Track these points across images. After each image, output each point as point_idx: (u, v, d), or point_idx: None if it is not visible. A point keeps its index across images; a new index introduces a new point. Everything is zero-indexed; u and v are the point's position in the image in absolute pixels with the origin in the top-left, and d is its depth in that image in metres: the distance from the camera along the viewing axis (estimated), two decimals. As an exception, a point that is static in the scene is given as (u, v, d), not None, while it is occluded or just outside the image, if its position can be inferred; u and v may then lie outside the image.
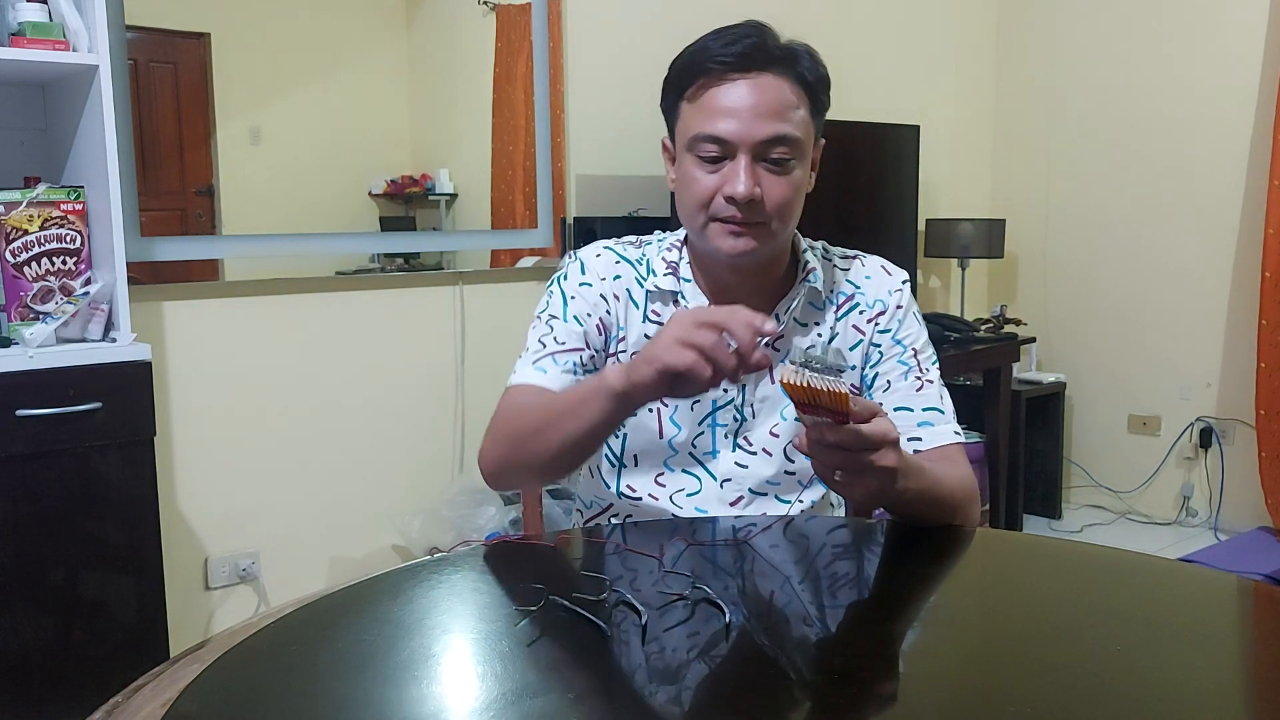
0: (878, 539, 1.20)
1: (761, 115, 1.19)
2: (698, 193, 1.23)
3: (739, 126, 1.19)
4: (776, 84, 1.20)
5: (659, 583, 1.00)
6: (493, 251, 2.96)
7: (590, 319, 1.31)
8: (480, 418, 2.92)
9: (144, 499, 2.01)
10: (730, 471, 1.32)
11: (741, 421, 1.32)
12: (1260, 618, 1.01)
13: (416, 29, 2.80)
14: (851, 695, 0.80)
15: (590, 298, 1.32)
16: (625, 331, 1.33)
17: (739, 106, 1.19)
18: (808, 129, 1.24)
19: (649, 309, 1.32)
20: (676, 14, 3.21)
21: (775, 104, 1.20)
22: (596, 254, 1.35)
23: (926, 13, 4.00)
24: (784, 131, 1.20)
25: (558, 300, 1.33)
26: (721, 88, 1.21)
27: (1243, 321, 3.68)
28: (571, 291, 1.33)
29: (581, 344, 1.30)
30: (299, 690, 0.81)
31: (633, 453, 1.33)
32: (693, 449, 1.32)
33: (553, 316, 1.32)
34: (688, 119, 1.24)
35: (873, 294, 1.34)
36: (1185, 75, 3.77)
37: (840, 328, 1.33)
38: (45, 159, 2.20)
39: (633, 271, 1.34)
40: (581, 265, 1.35)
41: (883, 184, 3.57)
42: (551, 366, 1.28)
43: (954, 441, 1.29)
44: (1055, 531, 3.91)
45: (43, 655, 1.92)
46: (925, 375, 1.32)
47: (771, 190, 1.21)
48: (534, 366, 1.28)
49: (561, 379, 1.27)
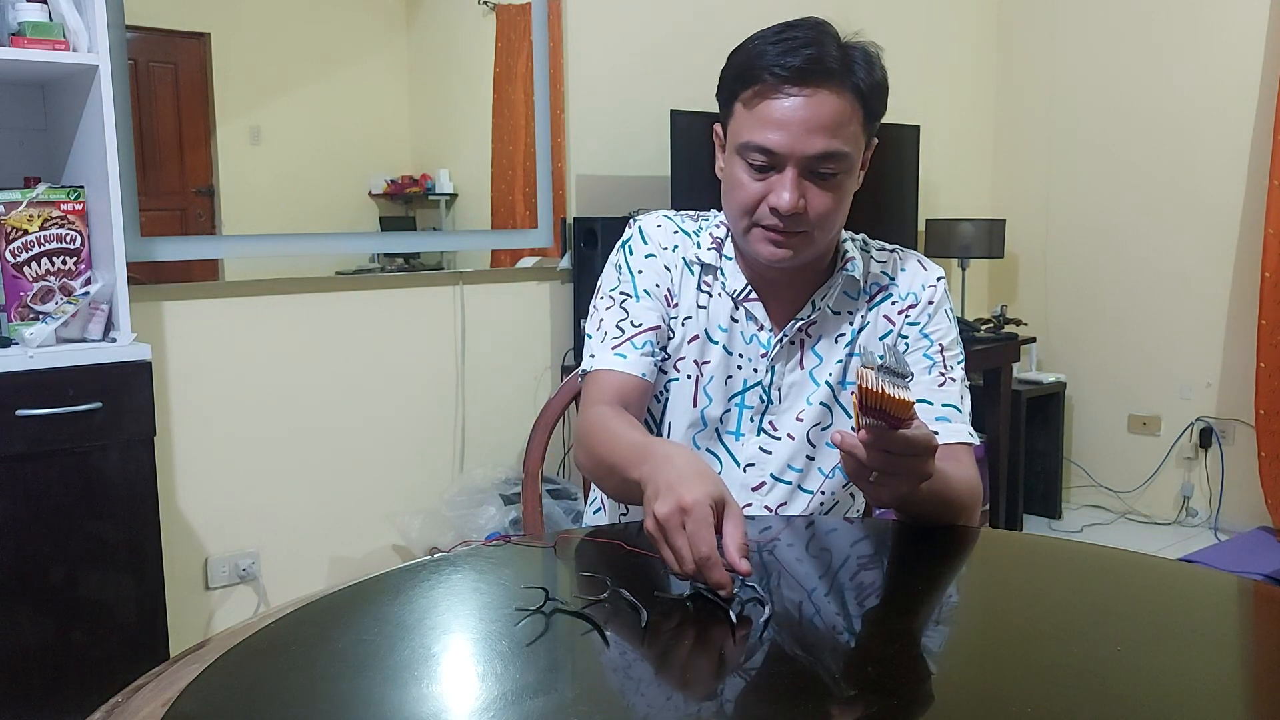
0: (878, 539, 1.20)
1: (812, 131, 1.19)
2: (743, 199, 1.25)
3: (789, 140, 1.20)
4: (831, 101, 1.20)
5: (659, 583, 1.00)
6: (493, 251, 2.96)
7: (659, 289, 1.34)
8: (480, 418, 2.92)
9: (144, 499, 2.01)
10: (754, 456, 1.34)
11: (768, 404, 1.34)
12: (1260, 618, 1.01)
13: (416, 29, 2.80)
14: (852, 695, 0.80)
15: (656, 268, 1.35)
16: (679, 299, 1.35)
17: (791, 120, 1.19)
18: (858, 142, 1.24)
19: (701, 280, 1.35)
20: (676, 14, 3.21)
21: (828, 121, 1.20)
22: (657, 224, 1.38)
23: (926, 13, 4.00)
24: (834, 149, 1.20)
25: (628, 277, 1.35)
26: (776, 100, 1.20)
27: (1242, 321, 3.68)
28: (639, 265, 1.35)
29: (656, 320, 1.33)
30: (299, 690, 0.80)
31: (669, 420, 1.35)
32: (720, 424, 1.34)
33: (625, 295, 1.34)
34: (740, 122, 1.24)
35: (906, 286, 1.36)
36: (1186, 75, 3.77)
37: (871, 317, 1.35)
38: (45, 159, 2.20)
39: (690, 241, 1.37)
40: (642, 234, 1.37)
41: (883, 184, 3.57)
42: (631, 351, 1.31)
43: (965, 441, 1.29)
44: (1055, 531, 3.90)
45: (43, 655, 1.92)
46: (949, 373, 1.34)
47: (816, 201, 1.23)
48: (614, 353, 1.31)
49: (641, 363, 1.30)
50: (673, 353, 1.35)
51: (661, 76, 3.17)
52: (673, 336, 1.35)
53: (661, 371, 1.35)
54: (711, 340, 1.34)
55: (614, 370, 1.29)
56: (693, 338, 1.34)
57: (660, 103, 3.06)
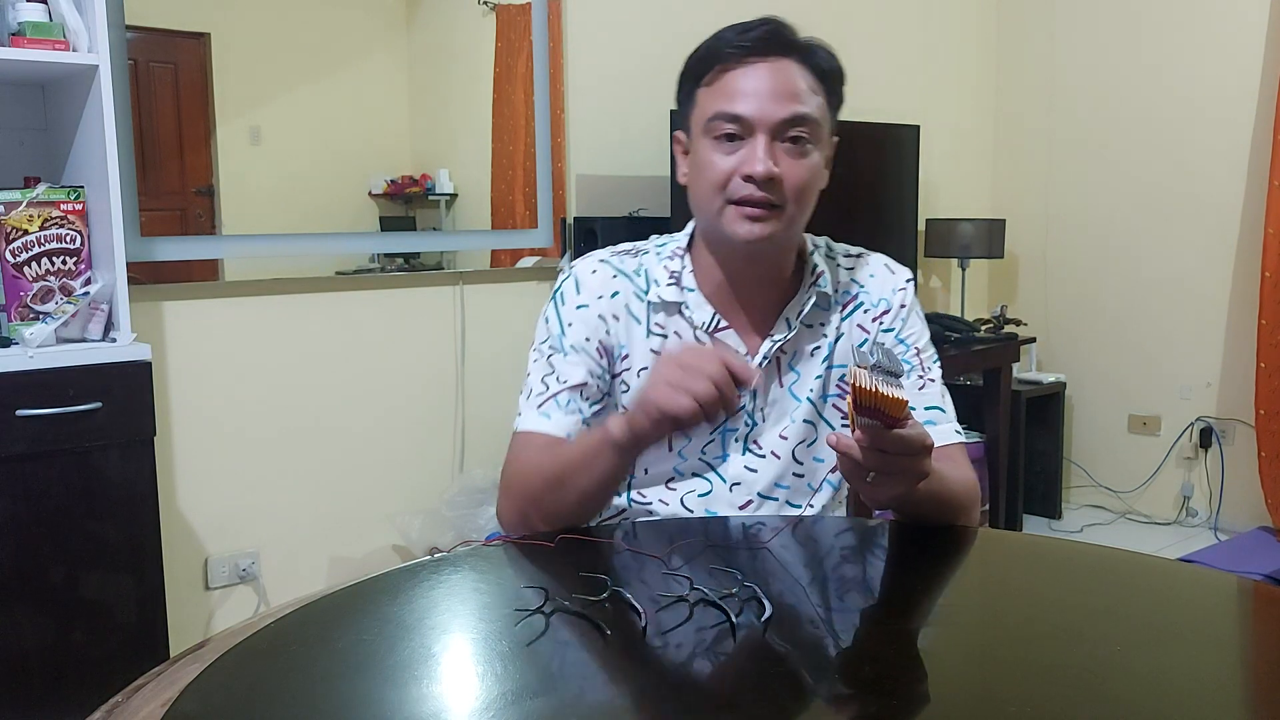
0: (879, 540, 1.20)
1: (780, 96, 1.19)
2: (714, 175, 1.21)
3: (757, 105, 1.19)
4: (794, 69, 1.21)
5: (659, 583, 1.00)
6: (493, 251, 2.96)
7: (590, 343, 1.28)
8: (481, 418, 2.92)
9: (144, 499, 2.01)
10: (739, 475, 1.31)
11: (752, 427, 1.31)
12: (1260, 618, 1.01)
13: (416, 29, 2.80)
14: (852, 695, 0.80)
15: (589, 320, 1.29)
16: (628, 350, 1.30)
17: (759, 88, 1.19)
18: (824, 115, 1.24)
19: (652, 322, 1.30)
20: (676, 14, 3.21)
21: (793, 87, 1.20)
22: (592, 269, 1.31)
23: (926, 13, 4.00)
24: (803, 112, 1.20)
25: (556, 329, 1.30)
26: (739, 70, 1.20)
27: (1242, 321, 3.68)
28: (569, 317, 1.29)
29: (583, 376, 1.27)
30: (299, 690, 0.81)
31: (643, 466, 1.31)
32: (703, 455, 1.31)
33: (552, 350, 1.29)
34: (704, 103, 1.23)
35: (877, 293, 1.34)
36: (1185, 75, 3.77)
37: (845, 327, 1.33)
38: (45, 159, 2.20)
39: (630, 285, 1.30)
40: (577, 284, 1.31)
41: (883, 184, 3.56)
42: (555, 410, 1.26)
43: (956, 441, 1.29)
44: (1055, 531, 3.90)
45: (43, 655, 1.92)
46: (928, 374, 1.33)
47: (790, 172, 1.20)
48: (538, 412, 1.27)
49: (566, 421, 1.25)
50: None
51: (661, 76, 3.14)
52: (627, 389, 1.29)
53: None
54: None
55: (538, 432, 1.25)
56: None
57: (660, 103, 3.05)
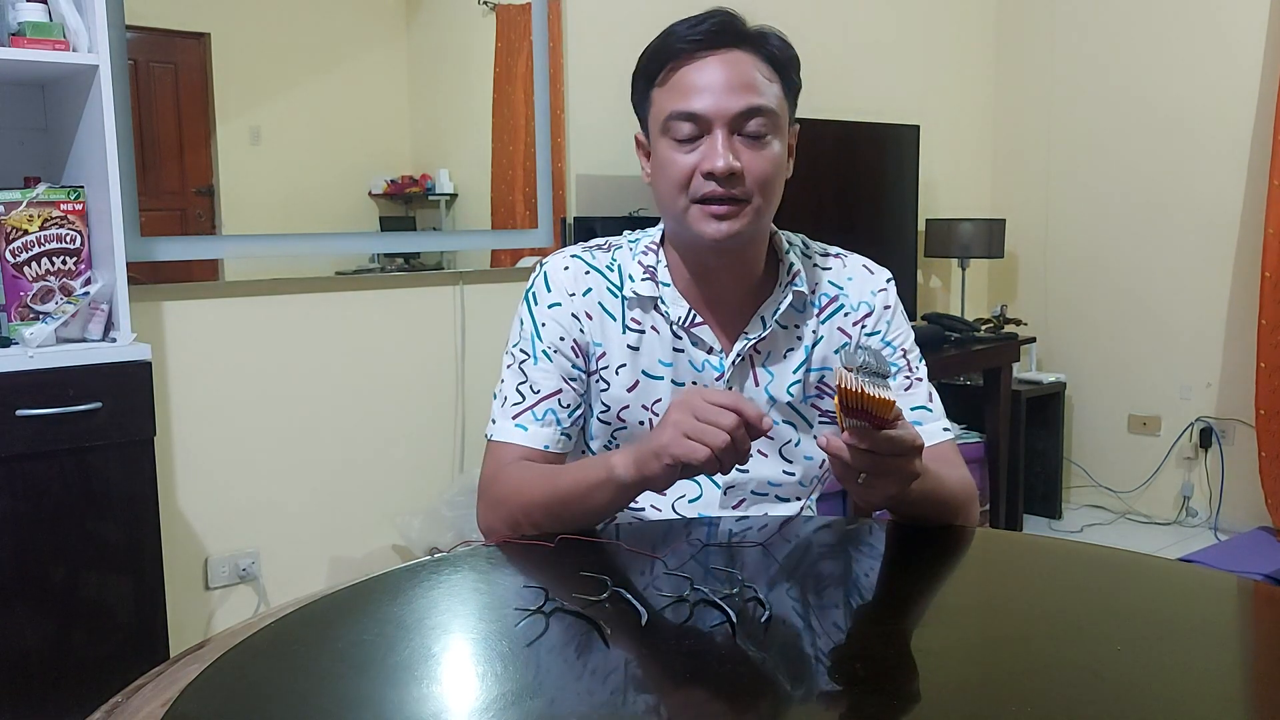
0: (879, 540, 1.20)
1: (735, 89, 1.17)
2: (674, 175, 1.19)
3: (712, 100, 1.17)
4: (747, 60, 1.19)
5: (659, 583, 1.00)
6: (493, 251, 2.96)
7: (565, 342, 1.27)
8: (481, 418, 2.92)
9: (144, 499, 2.01)
10: (732, 478, 1.30)
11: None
12: (1260, 618, 1.01)
13: (416, 29, 2.80)
14: (852, 695, 0.80)
15: (562, 320, 1.27)
16: (604, 348, 1.28)
17: (711, 82, 1.17)
18: (782, 105, 1.22)
19: (628, 317, 1.28)
20: (676, 14, 3.21)
21: (748, 78, 1.18)
22: (564, 266, 1.29)
23: (926, 13, 4.00)
24: (759, 103, 1.18)
25: (530, 330, 1.27)
26: (692, 65, 1.19)
27: (1243, 321, 3.68)
28: (541, 318, 1.27)
29: (558, 383, 1.26)
30: (299, 690, 0.81)
31: None
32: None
33: (525, 355, 1.27)
34: (660, 102, 1.22)
35: (857, 295, 1.32)
36: (1185, 75, 3.77)
37: (825, 330, 1.31)
38: (45, 159, 2.20)
39: (603, 280, 1.28)
40: (547, 282, 1.28)
41: (883, 184, 3.57)
42: (531, 422, 1.25)
43: (946, 440, 1.29)
44: (1055, 531, 3.91)
45: (43, 655, 1.92)
46: (914, 374, 1.32)
47: (752, 164, 1.18)
48: (514, 423, 1.25)
49: (543, 434, 1.25)
50: (613, 405, 1.28)
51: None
52: (606, 387, 1.28)
53: (608, 424, 1.30)
54: (653, 378, 1.28)
55: (514, 443, 1.24)
56: (632, 385, 1.27)
57: (660, 103, 3.06)
